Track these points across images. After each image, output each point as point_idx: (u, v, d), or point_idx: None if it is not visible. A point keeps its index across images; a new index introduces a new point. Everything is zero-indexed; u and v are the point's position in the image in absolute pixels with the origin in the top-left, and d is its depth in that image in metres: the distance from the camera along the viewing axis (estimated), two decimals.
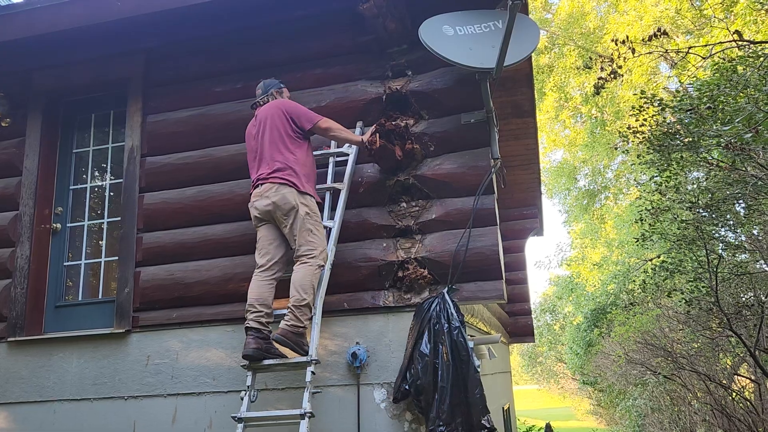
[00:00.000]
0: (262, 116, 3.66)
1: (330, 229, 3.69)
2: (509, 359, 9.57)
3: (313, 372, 3.22)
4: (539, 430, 13.54)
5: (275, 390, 3.69)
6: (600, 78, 5.33)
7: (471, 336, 3.53)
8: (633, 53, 5.07)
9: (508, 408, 7.61)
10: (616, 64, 5.18)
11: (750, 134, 3.25)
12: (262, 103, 3.77)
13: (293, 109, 3.64)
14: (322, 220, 3.73)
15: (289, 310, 3.30)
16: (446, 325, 3.35)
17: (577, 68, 14.68)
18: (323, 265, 3.45)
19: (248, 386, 3.31)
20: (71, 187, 4.68)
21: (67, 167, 4.70)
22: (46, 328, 4.38)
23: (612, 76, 5.20)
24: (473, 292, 3.63)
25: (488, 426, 3.18)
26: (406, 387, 3.35)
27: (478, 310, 4.98)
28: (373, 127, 3.71)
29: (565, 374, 27.30)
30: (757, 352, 6.82)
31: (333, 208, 3.79)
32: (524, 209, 8.76)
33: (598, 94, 5.52)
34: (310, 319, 3.37)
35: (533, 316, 10.15)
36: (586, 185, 21.25)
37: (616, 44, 5.20)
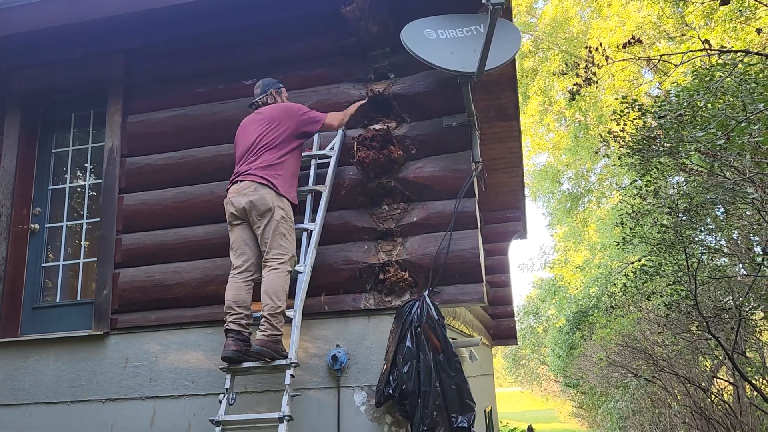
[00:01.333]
0: (264, 116, 3.63)
1: (311, 231, 3.67)
2: (492, 361, 9.60)
3: (292, 375, 3.21)
4: None
5: (255, 393, 3.67)
6: (575, 84, 5.39)
7: (452, 339, 3.54)
8: (607, 60, 5.14)
9: (490, 410, 7.64)
10: (590, 70, 5.24)
11: (722, 140, 3.30)
12: (261, 103, 3.75)
13: (301, 115, 3.63)
14: (304, 222, 3.73)
15: (264, 319, 3.26)
16: (427, 328, 3.36)
17: (554, 74, 14.81)
18: (291, 271, 3.43)
19: (227, 389, 3.28)
20: (50, 188, 4.63)
21: (46, 167, 4.65)
22: (22, 330, 4.33)
23: (586, 82, 5.26)
24: (454, 295, 3.64)
25: (467, 425, 3.20)
26: (390, 391, 3.34)
27: (460, 312, 4.99)
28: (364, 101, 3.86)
29: (548, 376, 27.48)
30: (735, 355, 6.90)
31: (314, 210, 3.78)
32: (508, 212, 8.81)
33: (573, 99, 5.57)
34: (284, 323, 3.36)
35: (516, 318, 10.21)
36: (570, 188, 21.43)
37: (590, 51, 5.27)
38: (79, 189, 4.67)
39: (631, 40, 4.95)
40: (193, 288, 3.96)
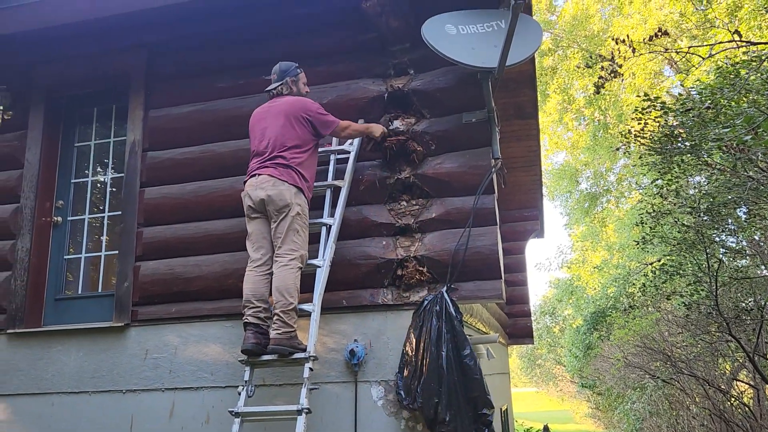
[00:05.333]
0: (277, 110, 3.61)
1: (330, 226, 3.69)
2: (508, 361, 9.57)
3: (310, 368, 3.22)
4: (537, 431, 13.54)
5: (273, 386, 3.69)
6: (600, 77, 5.33)
7: (469, 336, 3.53)
8: (633, 52, 5.09)
9: (506, 409, 7.61)
10: (617, 63, 5.19)
11: (750, 136, 3.25)
12: (276, 93, 3.73)
13: (313, 115, 3.60)
14: (323, 216, 3.74)
15: (277, 317, 3.27)
16: (445, 324, 3.36)
17: (578, 67, 14.63)
18: (302, 267, 3.41)
19: (246, 381, 3.31)
20: (73, 181, 4.69)
21: (68, 161, 4.71)
22: (45, 321, 4.39)
23: (612, 75, 5.21)
24: (472, 291, 3.63)
25: (488, 418, 3.20)
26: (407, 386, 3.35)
27: (477, 310, 4.98)
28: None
29: (564, 377, 27.32)
30: (756, 358, 6.81)
31: (333, 206, 3.79)
32: (525, 211, 8.77)
33: (598, 93, 5.52)
34: (298, 319, 3.36)
35: (533, 318, 10.16)
36: (588, 188, 21.25)
37: (617, 43, 5.21)
38: (100, 183, 4.73)
39: (658, 33, 4.89)
40: (212, 281, 3.99)
